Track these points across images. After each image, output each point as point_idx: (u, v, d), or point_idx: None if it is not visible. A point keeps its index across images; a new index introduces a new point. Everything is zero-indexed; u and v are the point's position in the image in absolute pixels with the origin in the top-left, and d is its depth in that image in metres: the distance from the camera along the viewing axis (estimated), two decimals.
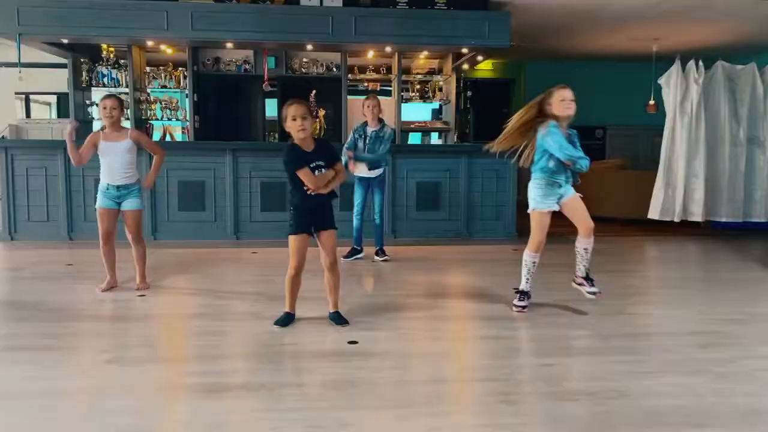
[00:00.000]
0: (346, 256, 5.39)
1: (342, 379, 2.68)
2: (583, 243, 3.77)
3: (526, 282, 3.84)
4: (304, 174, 3.25)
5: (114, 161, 4.18)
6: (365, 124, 5.39)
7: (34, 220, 6.46)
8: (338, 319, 3.47)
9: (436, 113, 9.36)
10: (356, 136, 5.36)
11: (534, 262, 3.82)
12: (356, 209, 5.45)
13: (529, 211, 3.82)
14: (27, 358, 2.94)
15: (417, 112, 9.21)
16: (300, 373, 2.78)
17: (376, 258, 5.47)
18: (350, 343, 3.15)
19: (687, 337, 3.35)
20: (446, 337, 3.44)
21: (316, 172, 3.27)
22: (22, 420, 2.27)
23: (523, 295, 3.85)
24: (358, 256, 5.49)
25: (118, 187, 4.22)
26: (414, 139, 8.89)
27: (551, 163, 3.66)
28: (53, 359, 2.92)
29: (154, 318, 3.72)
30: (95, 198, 6.18)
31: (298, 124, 3.23)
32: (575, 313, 3.77)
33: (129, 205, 4.25)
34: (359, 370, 2.78)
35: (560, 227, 4.10)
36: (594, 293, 3.75)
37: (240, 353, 3.07)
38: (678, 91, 6.96)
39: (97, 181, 4.34)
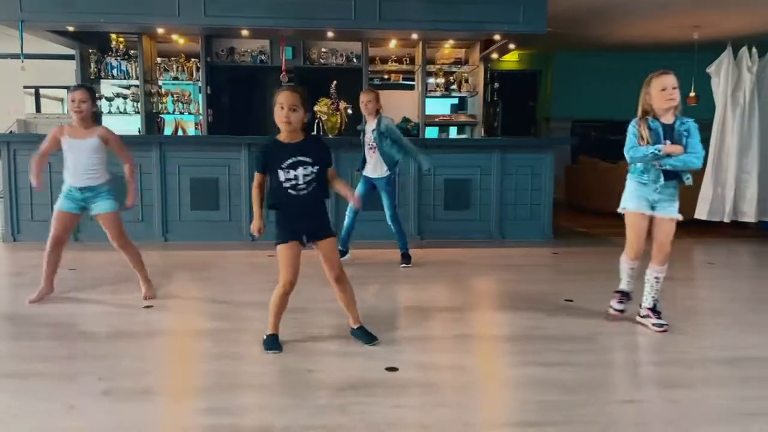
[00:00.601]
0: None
1: (387, 420, 2.21)
2: (656, 271, 3.33)
3: (627, 283, 3.48)
4: (258, 178, 2.88)
5: (78, 160, 3.70)
6: (365, 122, 4.95)
7: (38, 220, 6.05)
8: (364, 335, 3.01)
9: (455, 108, 8.88)
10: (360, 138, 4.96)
11: (632, 268, 3.45)
12: (349, 206, 4.94)
13: (619, 210, 3.40)
14: (16, 387, 2.51)
15: (435, 106, 8.73)
16: (332, 412, 2.30)
17: (401, 266, 4.97)
18: (388, 370, 2.69)
19: None
20: (502, 364, 2.94)
21: (300, 170, 2.79)
22: None
23: (623, 296, 3.48)
24: (343, 258, 4.95)
25: (81, 189, 3.74)
26: (431, 133, 8.39)
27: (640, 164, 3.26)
28: (43, 390, 2.48)
29: (159, 336, 3.26)
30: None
31: (284, 114, 2.78)
32: (646, 330, 3.27)
33: (99, 208, 3.76)
34: (406, 408, 2.32)
35: (601, 227, 3.58)
36: (661, 326, 3.27)
37: (257, 384, 2.61)
38: (729, 81, 6.42)
39: (111, 176, 3.88)
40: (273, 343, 2.94)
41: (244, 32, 6.95)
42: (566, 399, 2.42)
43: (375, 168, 4.87)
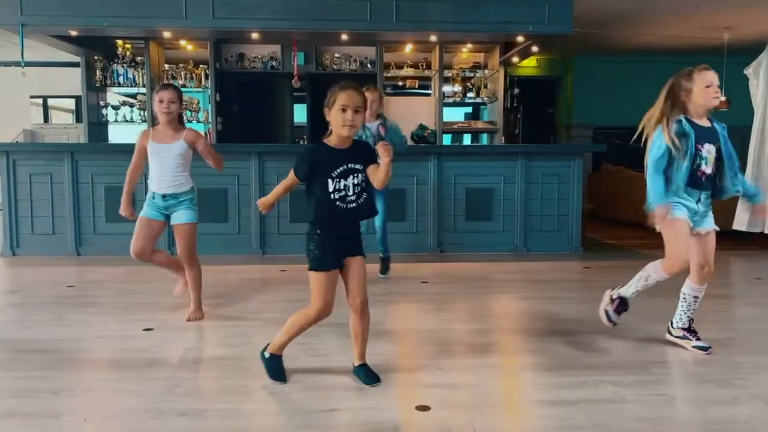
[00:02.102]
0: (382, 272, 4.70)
1: None
2: (694, 289, 2.96)
3: (635, 293, 3.06)
4: (291, 180, 2.52)
5: (163, 165, 3.44)
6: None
7: (38, 233, 5.77)
8: (367, 376, 2.57)
9: (469, 115, 8.55)
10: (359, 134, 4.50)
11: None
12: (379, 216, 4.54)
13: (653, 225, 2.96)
14: None
15: (456, 112, 8.42)
16: None
17: (379, 275, 4.69)
18: (419, 409, 2.32)
19: None
20: (546, 397, 2.56)
21: (351, 179, 2.42)
22: None
23: (624, 305, 3.11)
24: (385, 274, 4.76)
25: (164, 197, 3.47)
26: (445, 141, 8.05)
27: (670, 175, 2.83)
28: (16, 428, 2.14)
29: (158, 366, 2.88)
30: (106, 208, 5.54)
31: (348, 117, 2.37)
32: (690, 351, 2.90)
33: (178, 218, 3.50)
34: None
35: (629, 239, 3.16)
36: (706, 349, 2.90)
37: (276, 411, 2.26)
38: None
39: (108, 188, 3.59)
40: (278, 371, 2.58)
41: (255, 35, 6.66)
42: None
43: None
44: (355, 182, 2.44)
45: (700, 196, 2.87)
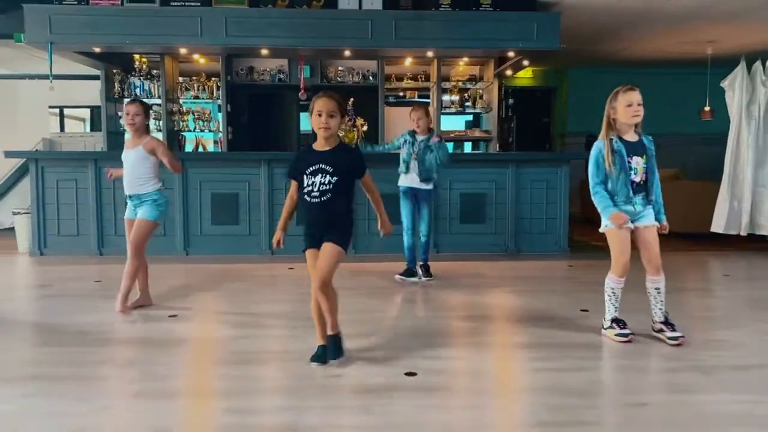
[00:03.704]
0: (402, 275, 4.98)
1: (409, 421, 2.28)
2: (653, 282, 3.33)
3: (616, 309, 3.36)
4: (291, 186, 2.95)
5: (127, 169, 3.92)
6: (414, 131, 4.99)
7: (64, 235, 6.24)
8: (332, 347, 2.89)
9: (470, 124, 8.98)
10: (403, 139, 4.98)
11: (620, 288, 3.35)
12: (405, 225, 4.96)
13: (601, 230, 3.37)
14: (50, 389, 2.61)
15: (453, 122, 8.85)
16: (357, 412, 2.38)
17: (422, 278, 4.97)
18: (408, 374, 2.76)
19: None
20: (516, 369, 3.01)
21: (318, 177, 2.80)
22: None
23: (620, 322, 3.35)
24: (414, 279, 4.94)
25: (131, 197, 3.95)
26: (447, 149, 8.49)
27: (608, 184, 3.25)
28: (77, 392, 2.59)
29: (185, 343, 3.37)
30: (126, 211, 6.00)
31: (322, 121, 2.79)
32: (659, 340, 3.31)
33: (139, 214, 3.94)
34: (426, 409, 2.39)
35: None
36: (677, 338, 3.25)
37: (282, 386, 2.71)
38: (743, 94, 6.46)
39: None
40: (320, 356, 2.90)
41: (264, 51, 7.14)
42: (578, 402, 2.47)
43: (415, 179, 4.91)
44: (323, 181, 2.81)
45: (635, 200, 3.27)
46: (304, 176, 2.85)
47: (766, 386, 2.67)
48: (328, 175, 2.82)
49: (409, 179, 4.94)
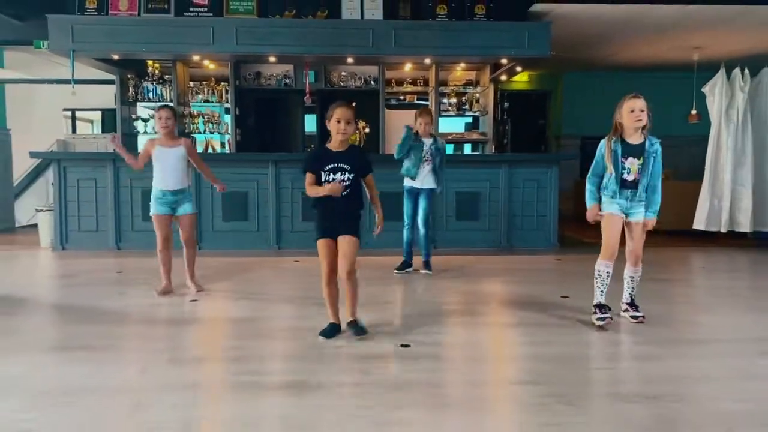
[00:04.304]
0: (398, 269, 5.37)
1: (401, 380, 2.69)
2: (631, 271, 3.72)
3: (602, 294, 3.69)
4: (308, 178, 3.25)
5: (167, 167, 4.33)
6: (417, 134, 5.26)
7: (84, 230, 6.66)
8: (356, 328, 3.32)
9: (470, 126, 9.39)
10: (410, 143, 5.20)
11: (608, 272, 3.66)
12: (406, 221, 5.37)
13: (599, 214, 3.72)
14: (89, 357, 3.02)
15: (450, 124, 9.25)
16: (356, 373, 2.79)
17: (422, 271, 5.37)
18: (402, 346, 3.17)
19: (747, 344, 3.27)
20: (498, 343, 3.42)
21: (339, 174, 3.21)
22: (93, 414, 2.34)
23: (603, 307, 3.67)
24: (408, 269, 5.39)
25: (173, 192, 4.36)
26: (447, 150, 8.90)
27: (605, 180, 3.65)
28: (117, 359, 3.00)
29: (205, 321, 3.80)
30: (142, 208, 6.41)
31: (342, 127, 3.21)
32: (628, 320, 3.71)
33: (183, 210, 4.41)
34: (415, 372, 2.80)
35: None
36: (637, 317, 3.65)
37: (291, 355, 3.11)
38: (723, 99, 6.87)
39: (145, 192, 4.47)
40: (328, 331, 3.28)
41: (272, 59, 7.57)
42: (553, 366, 2.88)
43: (423, 180, 5.26)
44: (342, 178, 3.22)
45: (627, 195, 3.67)
46: (323, 172, 3.23)
47: (711, 355, 3.08)
48: (346, 173, 3.24)
49: (415, 181, 5.28)
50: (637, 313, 3.68)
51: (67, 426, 2.23)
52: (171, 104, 7.46)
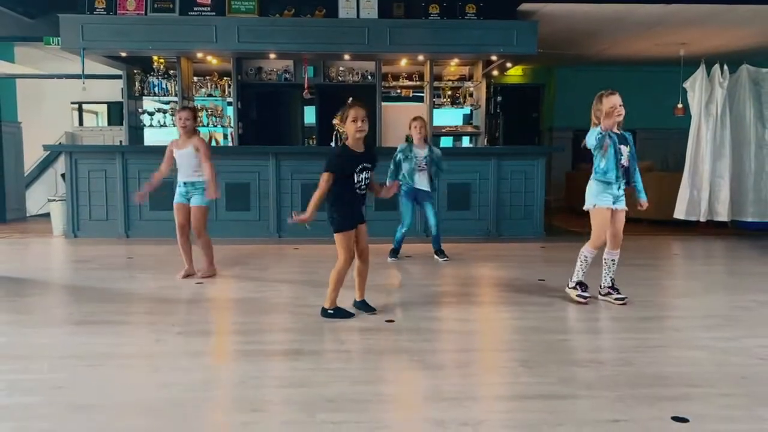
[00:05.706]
0: (391, 255, 5.71)
1: (386, 348, 3.07)
2: (611, 254, 4.04)
3: (584, 274, 4.04)
4: (331, 178, 3.44)
5: (182, 161, 4.73)
6: (411, 144, 5.54)
7: (95, 219, 7.04)
8: (366, 306, 3.73)
9: (467, 118, 9.73)
10: (402, 156, 5.44)
11: (592, 257, 4.01)
12: (405, 222, 5.59)
13: (586, 208, 4.03)
14: (106, 330, 3.40)
15: (447, 117, 9.58)
16: (346, 343, 3.18)
17: (438, 258, 5.67)
18: (388, 321, 3.55)
19: (696, 320, 3.64)
20: (476, 318, 3.77)
21: (364, 173, 3.52)
22: (115, 375, 2.72)
23: (583, 285, 4.04)
24: (395, 257, 5.74)
25: (185, 184, 4.74)
26: (446, 142, 9.27)
27: (602, 163, 3.91)
28: (134, 331, 3.39)
29: (212, 300, 4.17)
30: (150, 198, 6.76)
31: (359, 126, 3.45)
32: (612, 303, 4.02)
33: (193, 201, 4.77)
34: (399, 342, 3.18)
35: (587, 226, 4.39)
36: (623, 299, 3.96)
37: (291, 328, 3.49)
38: (703, 94, 7.18)
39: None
40: (341, 312, 3.61)
41: (272, 55, 7.91)
42: (522, 336, 3.26)
43: (422, 182, 5.54)
44: (366, 176, 3.56)
45: (620, 184, 3.98)
46: (355, 174, 3.49)
47: (661, 329, 3.46)
48: (369, 171, 3.58)
49: (416, 183, 5.54)
50: (621, 296, 4.00)
51: (95, 383, 2.61)
52: (192, 105, 7.82)
